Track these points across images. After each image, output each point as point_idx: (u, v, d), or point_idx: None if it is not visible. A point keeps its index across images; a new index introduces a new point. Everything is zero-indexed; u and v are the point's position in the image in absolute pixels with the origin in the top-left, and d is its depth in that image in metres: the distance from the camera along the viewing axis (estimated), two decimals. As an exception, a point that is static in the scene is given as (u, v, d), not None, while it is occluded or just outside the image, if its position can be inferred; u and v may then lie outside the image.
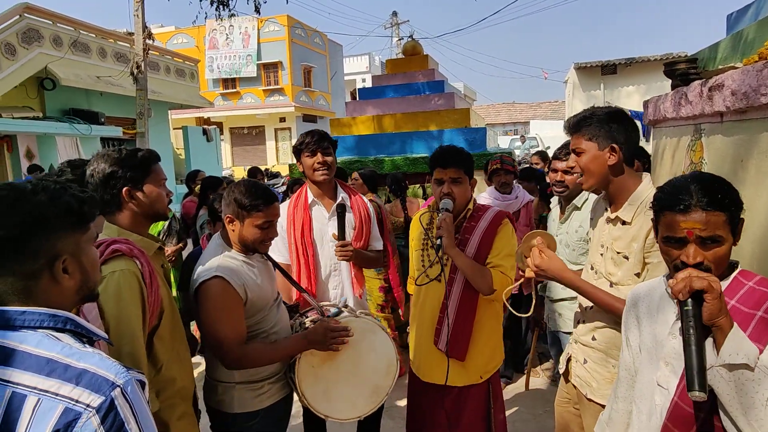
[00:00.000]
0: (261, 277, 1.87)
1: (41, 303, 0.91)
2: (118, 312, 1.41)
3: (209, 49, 23.79)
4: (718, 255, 1.15)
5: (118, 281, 1.41)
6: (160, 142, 12.72)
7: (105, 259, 1.42)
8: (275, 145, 24.68)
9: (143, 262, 1.50)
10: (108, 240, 1.48)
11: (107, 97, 11.26)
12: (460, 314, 2.11)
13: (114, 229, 1.57)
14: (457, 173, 2.10)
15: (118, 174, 1.55)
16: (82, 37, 10.30)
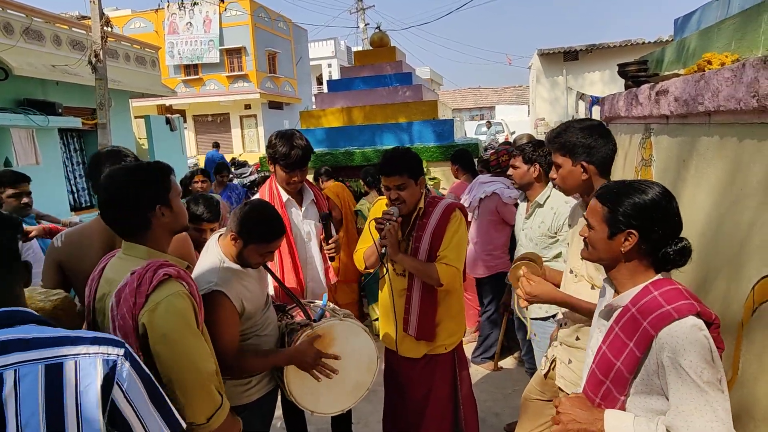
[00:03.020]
0: (254, 285, 1.95)
1: None
2: (179, 340, 1.40)
3: (169, 34, 23.03)
4: None
5: (174, 305, 1.40)
6: (122, 133, 12.37)
7: (156, 284, 1.39)
8: (241, 133, 24.27)
9: (189, 282, 1.49)
10: (153, 264, 1.43)
11: (64, 86, 10.84)
12: (423, 303, 2.32)
13: (143, 251, 1.51)
14: (401, 179, 2.24)
15: (146, 194, 1.49)
16: (34, 24, 9.87)
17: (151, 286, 1.39)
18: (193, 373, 1.43)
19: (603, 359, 1.37)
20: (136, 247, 1.51)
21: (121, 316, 1.38)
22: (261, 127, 23.98)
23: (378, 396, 2.74)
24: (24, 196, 2.99)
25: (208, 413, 1.46)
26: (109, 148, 2.21)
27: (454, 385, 2.47)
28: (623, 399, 1.32)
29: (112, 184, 1.50)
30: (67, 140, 11.71)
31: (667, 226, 1.31)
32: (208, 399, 1.46)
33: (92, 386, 1.00)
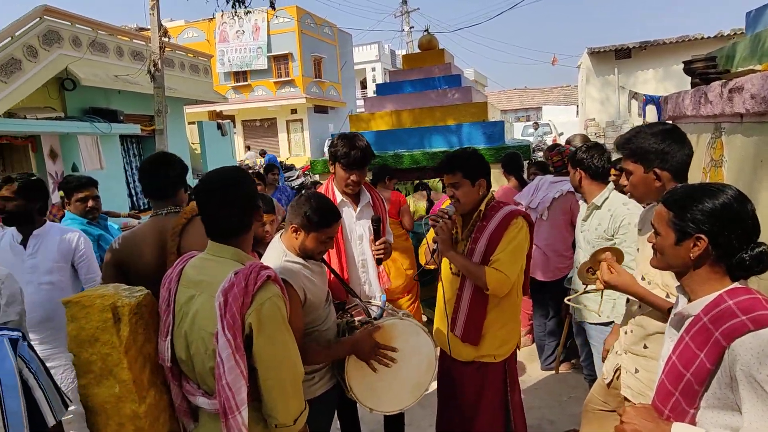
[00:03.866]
0: (317, 279, 2.00)
1: None
2: (279, 340, 1.45)
3: (220, 42, 23.88)
4: None
5: (276, 306, 1.45)
6: (177, 138, 12.92)
7: (260, 285, 1.44)
8: (287, 137, 24.82)
9: (282, 285, 1.54)
10: (255, 266, 1.48)
11: (125, 95, 11.44)
12: (472, 305, 2.30)
13: (232, 252, 1.55)
14: (454, 178, 2.25)
15: (251, 197, 1.56)
16: (99, 37, 10.47)
17: (256, 286, 1.43)
18: (292, 374, 1.49)
19: (672, 370, 1.31)
20: (226, 248, 1.55)
21: (230, 315, 1.41)
22: (306, 131, 24.45)
23: (429, 400, 2.73)
24: (90, 200, 3.17)
25: (295, 414, 1.51)
26: (154, 153, 2.33)
27: (504, 395, 2.43)
28: (693, 412, 1.25)
29: (220, 185, 1.54)
30: (127, 146, 12.34)
31: (739, 231, 1.24)
32: (298, 400, 1.52)
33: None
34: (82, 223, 3.13)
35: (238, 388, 1.41)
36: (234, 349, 1.40)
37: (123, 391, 1.53)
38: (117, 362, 1.51)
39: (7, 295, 1.85)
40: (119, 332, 1.50)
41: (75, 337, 1.52)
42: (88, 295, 1.54)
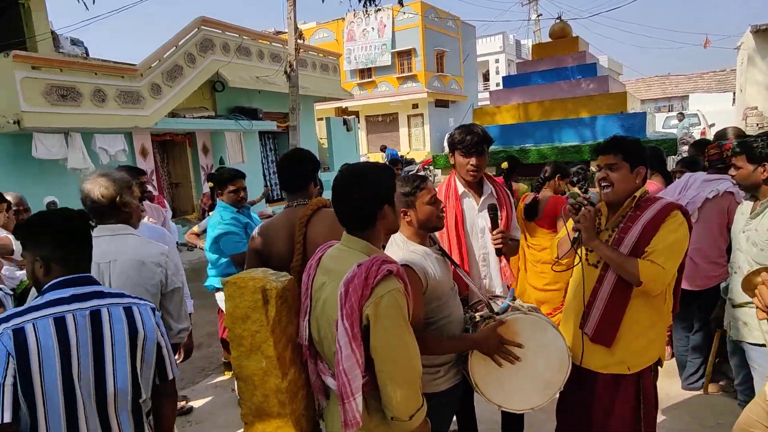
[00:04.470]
0: (439, 267, 2.01)
1: None
2: (397, 333, 1.46)
3: (347, 41, 24.98)
4: None
5: (395, 300, 1.46)
6: (307, 134, 13.82)
7: (380, 278, 1.46)
8: (408, 132, 25.23)
9: (405, 280, 1.54)
10: (377, 259, 1.50)
11: (264, 94, 12.52)
12: (610, 300, 2.11)
13: (363, 245, 1.59)
14: (614, 159, 2.11)
15: (379, 192, 1.59)
16: (244, 42, 11.55)
17: (376, 279, 1.45)
18: (407, 370, 1.48)
19: None
20: (357, 241, 1.60)
21: (349, 306, 1.45)
22: (427, 126, 24.62)
23: (550, 404, 2.59)
24: (241, 191, 3.50)
25: (411, 411, 1.51)
26: (291, 149, 2.48)
27: (637, 412, 2.20)
28: None
29: (350, 179, 1.60)
30: (264, 141, 13.51)
31: None
32: (414, 397, 1.52)
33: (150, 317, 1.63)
34: (233, 212, 3.43)
35: (353, 376, 1.45)
36: (351, 338, 1.44)
37: (268, 366, 1.68)
38: (264, 339, 1.67)
39: (172, 265, 2.14)
40: (267, 312, 1.65)
41: (231, 314, 1.71)
42: (243, 277, 1.71)
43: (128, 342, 1.54)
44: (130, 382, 1.55)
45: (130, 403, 1.57)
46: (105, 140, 8.65)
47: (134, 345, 1.55)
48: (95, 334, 1.48)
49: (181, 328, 2.21)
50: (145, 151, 9.94)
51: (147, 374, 1.61)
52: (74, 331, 1.45)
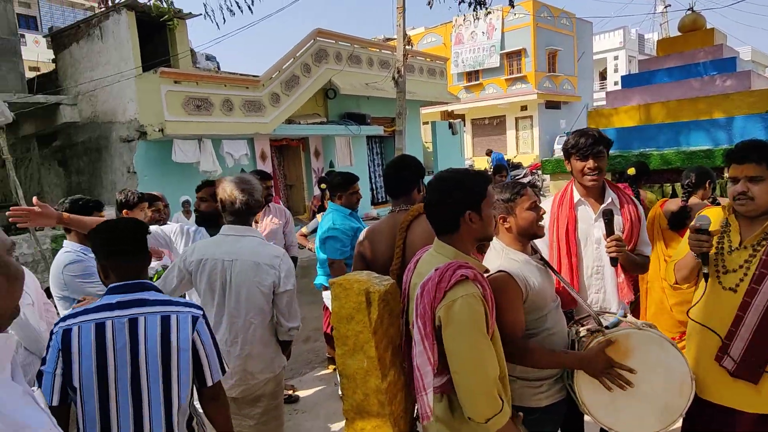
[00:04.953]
0: (540, 276, 1.94)
1: None
2: (467, 338, 1.48)
3: (455, 44, 24.89)
4: None
5: (468, 305, 1.48)
6: (413, 138, 14.00)
7: (454, 283, 1.50)
8: (515, 135, 24.46)
9: (485, 285, 1.56)
10: (454, 264, 1.54)
11: (372, 100, 12.92)
12: (759, 332, 1.83)
13: (450, 250, 1.62)
14: (756, 170, 1.83)
15: (459, 197, 1.60)
16: (355, 51, 12.03)
17: (450, 283, 1.50)
18: (478, 375, 1.49)
19: None
20: (446, 246, 1.65)
21: (422, 306, 1.53)
22: (536, 128, 23.68)
23: None
24: (357, 194, 3.64)
25: (487, 414, 1.51)
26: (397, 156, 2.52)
27: None
28: None
29: (436, 184, 1.66)
30: (371, 145, 13.94)
31: None
32: (489, 402, 1.51)
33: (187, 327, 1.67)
34: (346, 215, 3.52)
35: (425, 372, 1.53)
36: (423, 336, 1.53)
37: (370, 366, 1.75)
38: (367, 340, 1.73)
39: (285, 269, 2.30)
40: (370, 314, 1.71)
41: (336, 314, 1.81)
42: (348, 279, 1.80)
43: (160, 348, 1.63)
44: (162, 386, 1.63)
45: (163, 404, 1.65)
46: (231, 145, 9.52)
47: (167, 352, 1.64)
48: (132, 339, 1.61)
49: (291, 327, 2.35)
50: (264, 155, 10.77)
51: (184, 379, 1.67)
52: (111, 336, 1.60)
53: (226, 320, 2.24)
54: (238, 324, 2.24)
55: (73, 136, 9.86)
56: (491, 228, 1.69)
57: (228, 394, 2.19)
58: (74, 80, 9.72)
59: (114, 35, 8.81)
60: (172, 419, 1.67)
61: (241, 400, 2.28)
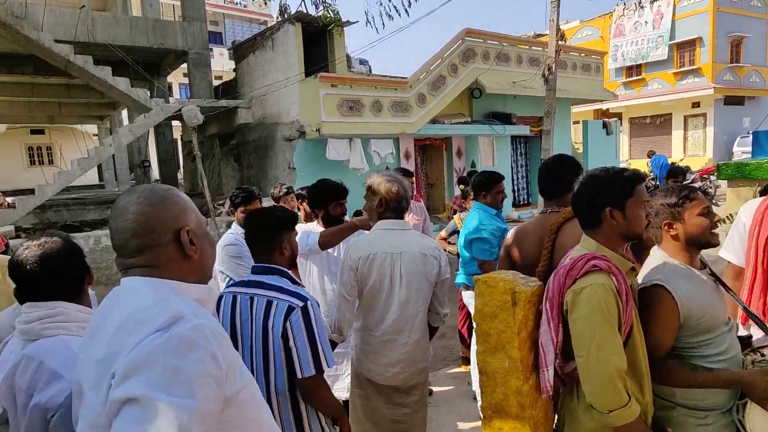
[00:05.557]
0: (709, 294, 1.75)
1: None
2: (591, 324, 1.50)
3: (614, 37, 22.88)
4: None
5: (596, 293, 1.51)
6: (561, 138, 13.26)
7: (585, 271, 1.55)
8: (683, 135, 21.68)
9: (620, 279, 1.55)
10: (589, 255, 1.59)
11: (519, 99, 12.53)
12: None
13: (593, 244, 1.65)
14: None
15: (601, 193, 1.63)
16: (504, 49, 11.77)
17: (581, 272, 1.56)
18: (600, 362, 1.49)
19: None
20: (589, 240, 1.67)
21: (551, 290, 1.62)
22: (709, 127, 20.72)
23: None
24: (503, 193, 3.60)
25: (609, 406, 1.49)
26: (555, 155, 2.43)
27: None
28: None
29: (584, 179, 1.72)
30: (515, 145, 13.53)
31: None
32: (611, 392, 1.49)
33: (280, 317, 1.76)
34: (492, 215, 3.49)
35: (548, 350, 1.63)
36: (549, 318, 1.62)
37: (511, 366, 1.75)
38: (509, 340, 1.74)
39: (443, 258, 2.41)
40: (514, 314, 1.71)
41: (479, 311, 1.83)
42: (493, 277, 1.82)
43: (262, 331, 1.79)
44: (263, 365, 1.80)
45: (264, 383, 1.79)
46: (378, 144, 10.02)
47: (266, 335, 1.78)
48: (250, 316, 1.82)
49: (444, 312, 2.47)
50: (408, 153, 11.13)
51: (278, 364, 1.78)
52: (239, 310, 1.84)
53: (395, 311, 2.30)
54: (407, 313, 2.31)
55: (246, 135, 11.26)
56: (638, 227, 1.64)
57: (390, 383, 2.33)
58: (250, 86, 11.09)
59: (283, 45, 9.85)
60: (270, 398, 1.80)
61: (399, 389, 2.36)
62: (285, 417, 1.82)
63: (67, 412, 1.25)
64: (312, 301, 1.82)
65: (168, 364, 0.90)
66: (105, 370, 0.94)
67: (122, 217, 1.09)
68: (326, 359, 1.78)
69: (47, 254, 1.44)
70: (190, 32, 10.51)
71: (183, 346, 0.92)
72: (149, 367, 0.89)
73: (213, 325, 1.01)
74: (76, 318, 1.45)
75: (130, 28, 9.93)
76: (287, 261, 2.00)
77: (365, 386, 2.44)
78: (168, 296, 1.04)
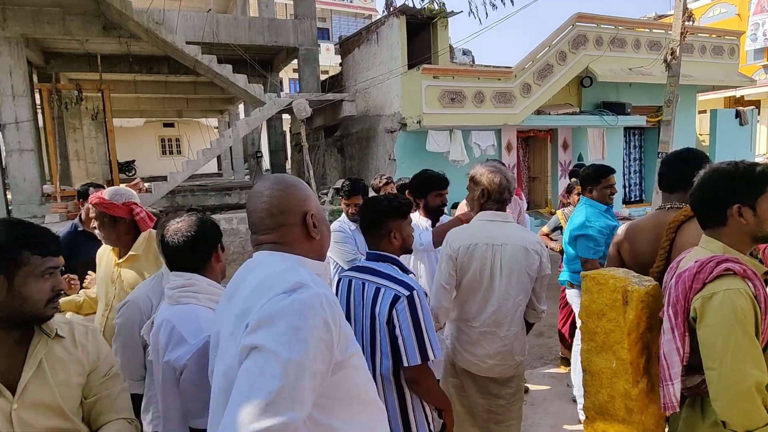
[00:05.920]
0: None
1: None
2: (725, 333, 1.38)
3: (755, 14, 20.17)
4: None
5: (730, 299, 1.39)
6: (684, 129, 12.05)
7: (716, 275, 1.43)
8: (841, 125, 18.62)
9: (757, 284, 1.44)
10: (719, 257, 1.47)
11: (635, 87, 11.58)
12: None
13: (718, 245, 1.53)
14: None
15: (728, 189, 1.50)
16: (620, 34, 10.93)
17: (711, 275, 1.43)
18: (736, 376, 1.36)
19: None
20: (713, 241, 1.55)
21: (675, 295, 1.49)
22: None
23: None
24: (613, 187, 3.38)
25: (747, 425, 1.35)
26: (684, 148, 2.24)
27: None
28: None
29: (705, 173, 1.58)
30: (629, 137, 12.54)
31: None
32: (749, 410, 1.34)
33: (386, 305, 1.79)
34: (601, 211, 3.29)
35: (672, 362, 1.50)
36: (673, 326, 1.49)
37: (619, 368, 1.67)
38: (618, 340, 1.66)
39: (545, 254, 2.36)
40: (625, 314, 1.64)
41: (586, 308, 1.78)
42: (603, 274, 1.75)
43: (369, 316, 1.86)
44: (370, 349, 1.86)
45: (371, 366, 1.82)
46: (479, 136, 9.85)
47: (373, 321, 1.85)
48: (363, 300, 1.89)
49: (542, 309, 2.42)
50: (510, 146, 10.81)
51: (384, 350, 1.84)
52: (352, 293, 1.94)
53: (494, 303, 2.30)
54: (507, 306, 2.30)
55: (349, 127, 11.67)
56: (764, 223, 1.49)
57: (487, 374, 2.35)
58: (354, 80, 11.45)
59: (387, 38, 10.03)
60: (376, 383, 1.83)
61: (496, 380, 2.37)
62: (390, 403, 1.87)
63: (192, 369, 1.47)
64: (418, 290, 1.83)
65: (289, 323, 1.03)
66: (240, 323, 1.10)
67: (260, 199, 1.25)
68: (432, 349, 1.79)
69: (184, 231, 1.65)
70: (301, 29, 11.07)
71: (304, 309, 1.05)
72: (274, 322, 1.04)
73: (329, 295, 1.13)
74: (206, 290, 1.65)
75: (249, 28, 10.71)
76: (398, 249, 2.05)
77: (461, 376, 2.46)
78: (294, 266, 1.18)
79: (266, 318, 1.05)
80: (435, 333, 1.86)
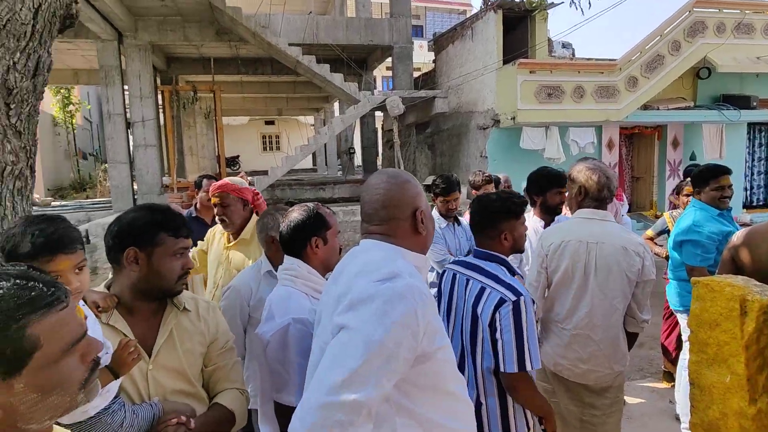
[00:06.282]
0: None
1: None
2: None
3: None
4: None
5: None
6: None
7: None
8: None
9: None
10: None
11: (762, 78, 10.33)
12: None
13: None
14: None
15: None
16: (746, 18, 9.80)
17: None
18: None
19: None
20: None
21: None
22: None
23: None
24: (726, 189, 3.03)
25: None
26: None
27: None
28: None
29: None
30: (753, 134, 11.22)
31: None
32: None
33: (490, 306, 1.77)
34: (713, 215, 2.98)
35: None
36: None
37: (734, 383, 1.54)
38: (734, 353, 1.53)
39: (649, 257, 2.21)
40: (743, 325, 1.50)
41: (697, 316, 1.65)
42: (718, 281, 1.61)
43: (471, 314, 1.85)
44: (470, 346, 1.86)
45: (472, 364, 1.84)
46: (577, 133, 9.37)
47: (475, 319, 1.83)
48: (465, 296, 1.89)
49: (644, 319, 2.25)
50: (611, 143, 10.15)
51: (486, 347, 1.81)
52: (457, 287, 1.96)
53: (587, 303, 2.21)
54: (602, 308, 2.20)
55: (440, 124, 11.64)
56: None
57: (580, 381, 2.26)
58: (447, 77, 11.40)
59: (482, 33, 9.85)
60: (477, 380, 1.85)
61: (590, 388, 2.27)
62: (490, 402, 1.83)
63: (274, 346, 1.60)
64: (526, 296, 1.76)
65: (379, 308, 1.09)
66: (338, 302, 1.19)
67: (375, 192, 1.33)
68: (531, 359, 1.72)
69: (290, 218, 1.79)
70: (396, 28, 11.22)
71: (394, 297, 1.11)
72: (365, 305, 1.11)
73: (422, 288, 1.17)
74: (304, 276, 1.76)
75: (346, 28, 11.06)
76: (508, 250, 1.99)
77: (552, 380, 2.39)
78: (394, 257, 1.25)
79: (358, 301, 1.12)
80: (537, 343, 1.78)
